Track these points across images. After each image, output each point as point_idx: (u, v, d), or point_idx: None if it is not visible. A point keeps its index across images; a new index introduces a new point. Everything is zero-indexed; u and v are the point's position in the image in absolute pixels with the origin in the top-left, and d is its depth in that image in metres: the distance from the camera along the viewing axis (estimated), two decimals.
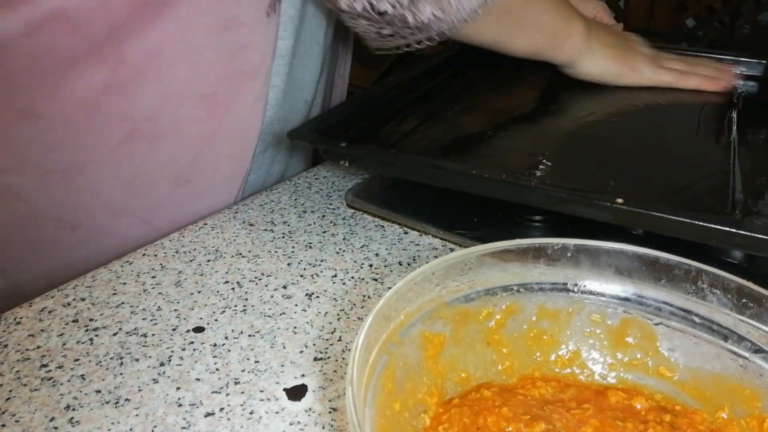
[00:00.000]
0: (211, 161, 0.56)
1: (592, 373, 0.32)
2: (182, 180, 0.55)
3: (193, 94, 0.52)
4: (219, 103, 0.53)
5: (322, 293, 0.42)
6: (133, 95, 0.50)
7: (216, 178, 0.56)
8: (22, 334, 0.38)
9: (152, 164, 0.53)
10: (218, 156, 0.56)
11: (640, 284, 0.31)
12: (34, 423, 0.32)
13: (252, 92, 0.55)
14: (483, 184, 0.44)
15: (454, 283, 0.31)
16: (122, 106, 0.50)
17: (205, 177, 0.56)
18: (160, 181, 0.54)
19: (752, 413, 0.28)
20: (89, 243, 0.55)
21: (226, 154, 0.56)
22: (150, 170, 0.53)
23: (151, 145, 0.52)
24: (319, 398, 0.34)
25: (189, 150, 0.54)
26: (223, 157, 0.56)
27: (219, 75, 0.53)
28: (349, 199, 0.53)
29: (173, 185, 0.55)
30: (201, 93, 0.52)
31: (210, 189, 0.56)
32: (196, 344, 0.38)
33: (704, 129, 0.57)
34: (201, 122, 0.53)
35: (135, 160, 0.52)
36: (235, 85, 0.54)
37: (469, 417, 0.28)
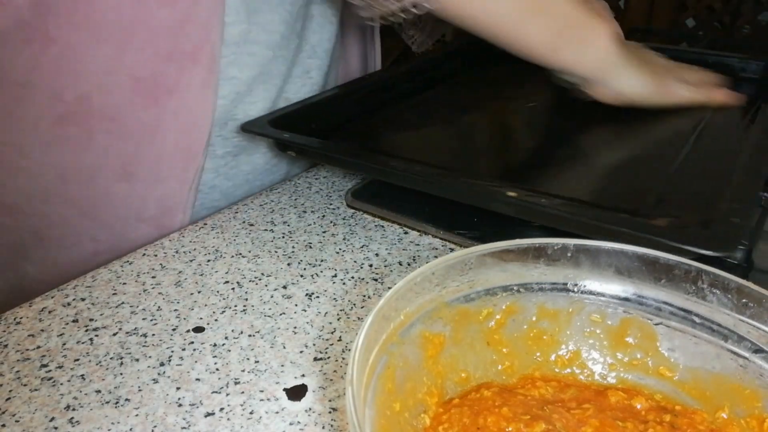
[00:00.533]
0: (155, 153, 0.52)
1: (592, 373, 0.32)
2: (125, 172, 0.53)
3: (127, 76, 0.50)
4: (158, 87, 0.50)
5: (322, 293, 0.42)
6: (62, 75, 0.48)
7: (162, 171, 0.53)
8: (22, 334, 0.38)
9: (90, 152, 0.52)
10: (162, 148, 0.52)
11: (640, 284, 0.31)
12: (34, 423, 0.32)
13: (197, 78, 0.51)
14: (462, 189, 0.45)
15: (454, 283, 0.31)
16: (52, 86, 0.49)
17: (150, 170, 0.53)
18: (99, 171, 0.52)
19: (752, 413, 0.28)
20: (27, 232, 0.54)
21: (172, 146, 0.53)
22: (88, 158, 0.52)
23: (86, 130, 0.51)
24: (319, 398, 0.34)
25: (129, 140, 0.52)
26: (169, 150, 0.53)
27: (155, 55, 0.49)
28: (349, 199, 0.53)
29: (115, 178, 0.53)
30: (136, 75, 0.50)
31: (156, 182, 0.53)
32: (196, 344, 0.38)
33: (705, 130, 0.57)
34: (139, 109, 0.51)
35: (71, 145, 0.51)
36: (174, 68, 0.50)
37: (469, 417, 0.28)
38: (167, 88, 0.50)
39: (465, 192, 0.44)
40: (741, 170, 0.43)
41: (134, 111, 0.51)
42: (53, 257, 0.55)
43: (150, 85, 0.50)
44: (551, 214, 0.39)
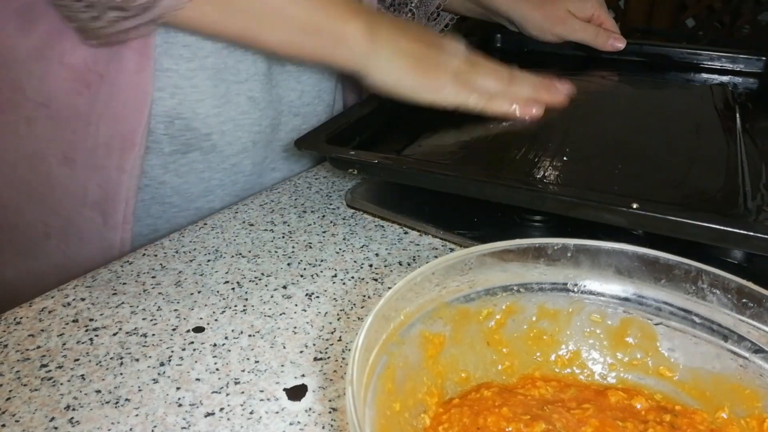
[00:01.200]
0: (90, 139, 0.52)
1: (592, 373, 0.32)
2: (66, 158, 0.53)
3: (58, 63, 0.50)
4: (90, 73, 0.50)
5: (322, 293, 0.42)
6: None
7: (100, 158, 0.53)
8: (22, 334, 0.38)
9: (31, 138, 0.53)
10: (98, 135, 0.52)
11: (640, 284, 0.31)
12: (34, 423, 0.32)
13: (129, 63, 0.50)
14: (493, 190, 0.44)
15: (454, 283, 0.31)
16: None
17: (88, 157, 0.53)
18: (42, 157, 0.53)
19: (752, 413, 0.28)
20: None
21: (108, 134, 0.52)
22: (30, 145, 0.53)
23: (24, 117, 0.52)
24: (319, 398, 0.34)
25: (66, 126, 0.52)
26: (105, 137, 0.52)
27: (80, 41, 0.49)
28: (349, 199, 0.53)
29: (57, 163, 0.53)
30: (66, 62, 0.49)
31: (95, 170, 0.53)
32: (196, 344, 0.38)
33: (707, 128, 0.57)
34: (72, 95, 0.51)
35: (11, 132, 0.52)
36: (105, 52, 0.50)
37: (469, 417, 0.28)
38: (98, 73, 0.50)
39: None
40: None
41: (68, 97, 0.51)
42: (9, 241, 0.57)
43: (81, 70, 0.50)
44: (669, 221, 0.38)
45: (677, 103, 0.65)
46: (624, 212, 0.39)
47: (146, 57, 0.50)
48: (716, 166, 0.49)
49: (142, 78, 0.51)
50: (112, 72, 0.50)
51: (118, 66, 0.50)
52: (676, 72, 0.74)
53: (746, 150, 0.51)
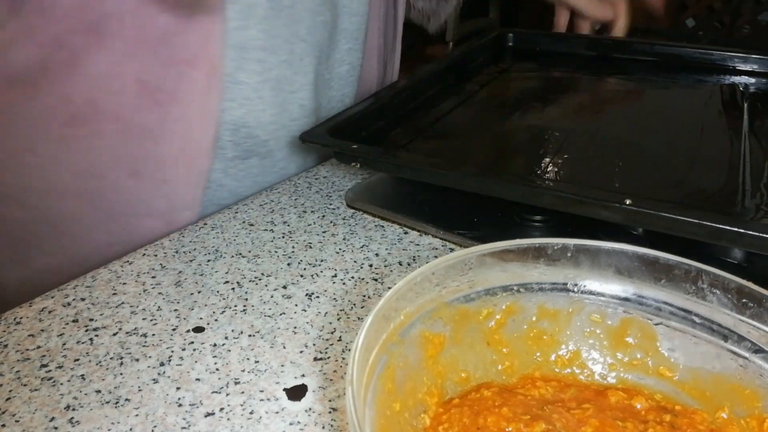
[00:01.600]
0: (159, 153, 0.54)
1: (592, 373, 0.32)
2: (133, 170, 0.54)
3: (132, 79, 0.51)
4: (160, 91, 0.51)
5: (322, 293, 0.42)
6: (71, 77, 0.50)
7: (169, 172, 0.55)
8: (22, 334, 0.38)
9: (101, 151, 0.53)
10: (168, 149, 0.54)
11: (640, 284, 0.31)
12: (34, 423, 0.32)
13: (197, 83, 0.52)
14: (496, 186, 0.44)
15: (454, 283, 0.31)
16: (62, 88, 0.50)
17: (157, 169, 0.55)
18: (110, 169, 0.54)
19: (752, 413, 0.28)
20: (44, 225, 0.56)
21: (178, 148, 0.54)
22: (99, 157, 0.53)
23: (95, 130, 0.52)
24: (319, 398, 0.34)
25: (135, 140, 0.53)
26: (174, 151, 0.54)
27: (156, 60, 0.51)
28: (349, 199, 0.53)
29: (125, 174, 0.54)
30: (140, 79, 0.51)
31: (163, 181, 0.55)
32: (196, 344, 0.38)
33: (712, 126, 0.57)
34: (143, 111, 0.52)
35: (81, 144, 0.52)
36: (174, 73, 0.51)
37: (469, 417, 0.28)
38: (168, 93, 0.52)
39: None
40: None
41: (139, 113, 0.52)
42: (68, 248, 0.57)
43: (153, 89, 0.51)
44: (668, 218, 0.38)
45: (685, 103, 0.66)
46: (618, 209, 0.39)
47: (215, 78, 0.52)
48: (718, 165, 0.49)
49: (210, 98, 0.53)
50: (182, 92, 0.52)
51: (188, 87, 0.52)
52: (686, 72, 0.74)
53: (750, 149, 0.51)
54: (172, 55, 0.51)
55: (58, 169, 0.53)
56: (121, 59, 0.50)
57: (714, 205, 0.44)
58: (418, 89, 0.65)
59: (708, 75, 0.72)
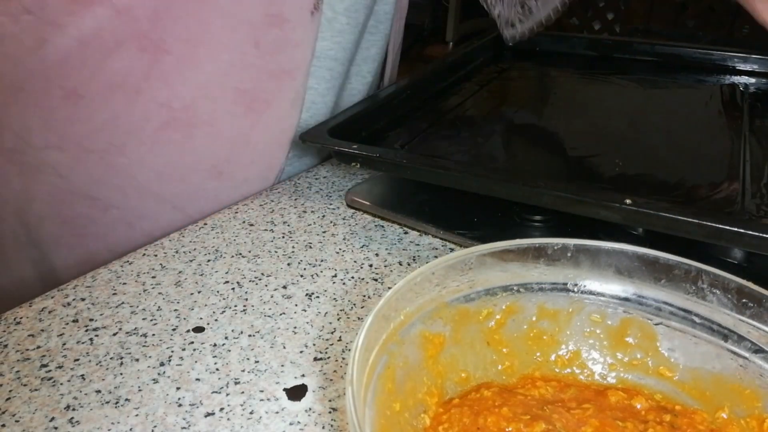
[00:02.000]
0: (246, 156, 0.56)
1: (592, 373, 0.32)
2: (216, 171, 0.56)
3: (232, 88, 0.53)
4: (257, 99, 0.54)
5: (322, 293, 0.42)
6: (173, 84, 0.51)
7: (250, 172, 0.57)
8: (22, 334, 0.38)
9: (187, 154, 0.55)
10: (253, 152, 0.56)
11: (640, 284, 0.31)
12: (34, 423, 0.32)
13: (291, 92, 0.55)
14: (495, 185, 0.44)
15: (454, 283, 0.31)
16: (162, 94, 0.51)
17: (239, 170, 0.57)
18: (194, 170, 0.56)
19: (752, 413, 0.28)
20: (120, 224, 0.57)
21: (261, 150, 0.57)
22: (185, 159, 0.55)
23: (187, 134, 0.54)
24: (319, 398, 0.34)
25: (224, 143, 0.55)
26: (258, 154, 0.57)
27: (259, 71, 0.53)
28: (349, 199, 0.53)
29: (207, 176, 0.56)
30: (240, 88, 0.53)
31: (243, 181, 0.57)
32: (196, 344, 0.38)
33: (712, 126, 0.58)
34: (238, 117, 0.54)
35: (171, 147, 0.54)
36: (275, 83, 0.54)
37: (469, 417, 0.28)
38: (265, 100, 0.54)
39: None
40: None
41: (233, 118, 0.54)
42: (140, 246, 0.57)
43: (250, 96, 0.54)
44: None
45: (685, 103, 0.66)
46: (618, 208, 0.39)
47: (304, 86, 0.56)
48: (718, 165, 0.49)
49: (297, 105, 0.56)
50: (277, 100, 0.55)
51: (284, 95, 0.55)
52: (686, 72, 0.74)
53: (750, 149, 0.51)
54: (277, 67, 0.53)
55: (143, 170, 0.54)
56: (228, 69, 0.52)
57: (714, 204, 0.44)
58: (418, 89, 0.65)
59: (708, 75, 0.72)
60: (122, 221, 0.57)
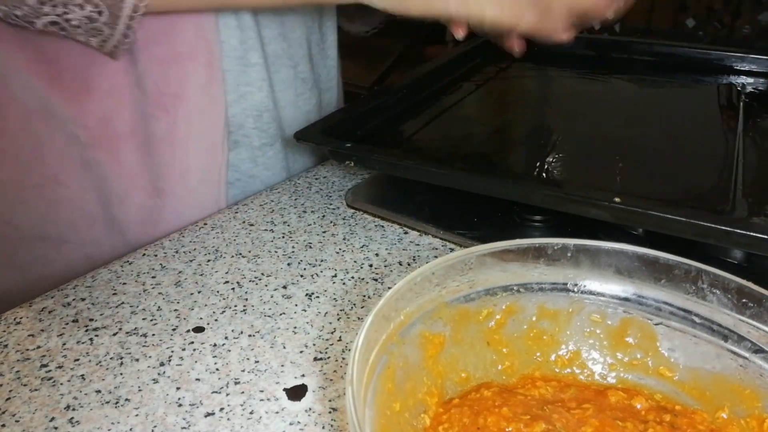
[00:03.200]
0: (179, 164, 0.53)
1: (592, 373, 0.32)
2: (157, 189, 0.53)
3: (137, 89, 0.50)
4: (165, 95, 0.50)
5: (322, 293, 0.42)
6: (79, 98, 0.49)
7: (191, 181, 0.54)
8: (22, 334, 0.38)
9: (121, 173, 0.52)
10: (185, 157, 0.53)
11: (640, 284, 0.31)
12: (34, 423, 0.32)
13: (199, 75, 0.51)
14: (486, 183, 0.44)
15: (454, 283, 0.31)
16: (71, 112, 0.49)
17: (178, 182, 0.53)
18: (134, 191, 0.53)
19: (752, 413, 0.28)
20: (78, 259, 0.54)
21: (193, 152, 0.53)
22: (120, 180, 0.52)
23: (113, 152, 0.51)
24: (319, 398, 0.34)
25: (153, 156, 0.52)
26: (192, 156, 0.53)
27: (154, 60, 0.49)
28: (349, 199, 0.53)
29: (149, 195, 0.53)
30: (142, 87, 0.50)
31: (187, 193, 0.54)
32: (196, 344, 0.38)
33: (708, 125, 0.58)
34: (154, 123, 0.51)
35: (103, 169, 0.51)
36: (176, 71, 0.50)
37: (469, 417, 0.28)
38: (173, 94, 0.51)
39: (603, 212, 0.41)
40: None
41: (150, 125, 0.51)
42: None
43: (156, 95, 0.50)
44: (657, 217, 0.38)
45: (682, 103, 0.66)
46: (607, 207, 0.39)
47: (215, 66, 0.52)
48: (711, 165, 0.49)
49: (214, 87, 0.52)
50: (186, 90, 0.51)
51: (191, 82, 0.51)
52: (685, 71, 0.74)
53: (744, 149, 0.51)
54: (170, 50, 0.50)
55: (86, 197, 0.52)
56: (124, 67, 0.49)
57: (706, 203, 0.44)
58: (417, 88, 0.65)
59: (706, 75, 0.72)
60: (80, 259, 0.54)
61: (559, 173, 0.49)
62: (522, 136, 0.58)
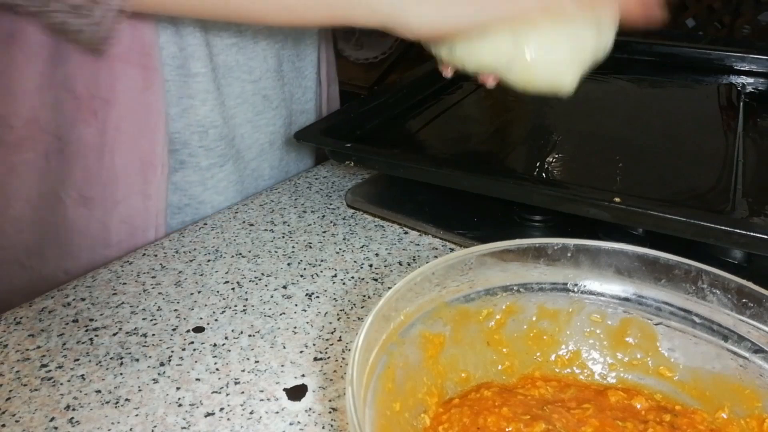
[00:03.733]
0: (106, 173, 0.49)
1: (592, 373, 0.32)
2: (83, 198, 0.50)
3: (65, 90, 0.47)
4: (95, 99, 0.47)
5: (322, 293, 0.42)
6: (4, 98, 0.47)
7: (119, 192, 0.50)
8: (22, 334, 0.38)
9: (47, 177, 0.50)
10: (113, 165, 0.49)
11: (640, 284, 0.31)
12: (34, 423, 0.32)
13: (133, 80, 0.47)
14: (484, 183, 0.45)
15: (454, 283, 0.31)
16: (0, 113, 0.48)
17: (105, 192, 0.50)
18: (61, 197, 0.50)
19: (752, 413, 0.28)
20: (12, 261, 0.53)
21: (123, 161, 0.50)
22: (47, 184, 0.50)
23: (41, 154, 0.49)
24: (319, 398, 0.34)
25: (79, 161, 0.49)
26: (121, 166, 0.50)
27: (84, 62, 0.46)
28: (349, 199, 0.53)
29: (75, 204, 0.50)
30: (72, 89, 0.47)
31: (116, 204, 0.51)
32: (196, 344, 0.38)
33: (708, 125, 0.58)
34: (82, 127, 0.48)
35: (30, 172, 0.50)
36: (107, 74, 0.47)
37: (469, 417, 0.28)
38: (103, 98, 0.47)
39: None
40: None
41: (77, 129, 0.48)
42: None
43: (86, 98, 0.47)
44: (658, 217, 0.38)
45: (682, 103, 0.66)
46: (606, 206, 0.39)
47: (152, 71, 0.48)
48: (712, 164, 0.49)
49: (151, 94, 0.48)
50: (118, 95, 0.48)
51: (124, 86, 0.48)
52: (685, 71, 0.74)
53: (744, 149, 0.51)
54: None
55: (15, 200, 0.50)
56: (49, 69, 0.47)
57: (706, 203, 0.44)
58: (417, 88, 0.65)
59: (706, 75, 0.72)
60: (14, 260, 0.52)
61: (559, 173, 0.49)
62: (522, 136, 0.58)
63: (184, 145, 0.52)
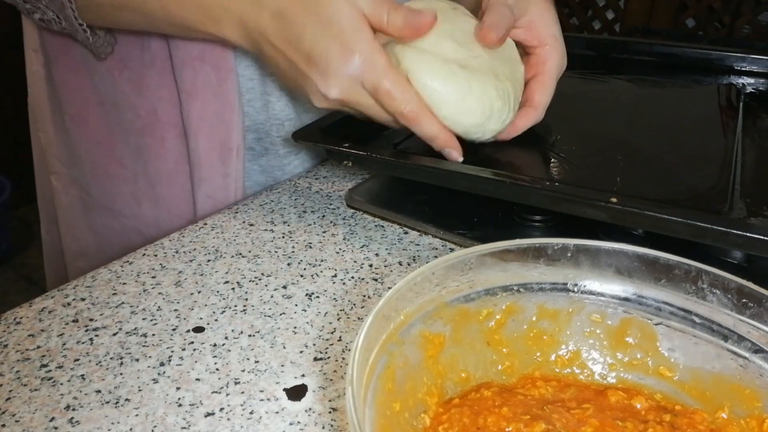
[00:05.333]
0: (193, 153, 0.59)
1: (592, 373, 0.32)
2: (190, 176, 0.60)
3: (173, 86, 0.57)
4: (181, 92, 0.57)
5: (322, 293, 0.42)
6: (135, 93, 0.58)
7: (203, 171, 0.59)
8: (22, 334, 0.38)
9: (166, 157, 0.60)
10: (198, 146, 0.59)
11: (640, 284, 0.31)
12: (34, 423, 0.32)
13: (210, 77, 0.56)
14: (483, 183, 0.44)
15: (454, 283, 0.31)
16: (130, 103, 0.59)
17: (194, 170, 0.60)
18: (177, 175, 0.60)
19: (752, 413, 0.28)
20: (131, 230, 0.63)
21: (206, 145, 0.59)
22: (166, 163, 0.60)
23: (159, 138, 0.59)
24: (319, 398, 0.34)
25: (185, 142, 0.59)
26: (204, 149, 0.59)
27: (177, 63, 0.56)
28: (349, 199, 0.53)
29: (187, 178, 0.60)
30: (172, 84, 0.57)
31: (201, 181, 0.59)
32: (196, 344, 0.38)
33: (708, 125, 0.57)
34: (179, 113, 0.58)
35: (151, 153, 0.60)
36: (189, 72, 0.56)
37: (469, 417, 0.28)
38: (187, 91, 0.56)
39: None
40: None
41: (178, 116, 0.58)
42: None
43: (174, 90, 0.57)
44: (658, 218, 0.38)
45: (681, 103, 0.65)
46: (604, 207, 0.39)
47: (226, 70, 0.56)
48: (710, 165, 0.49)
49: (224, 89, 0.56)
50: (198, 88, 0.56)
51: (202, 82, 0.56)
52: (685, 72, 0.74)
53: (743, 149, 0.51)
54: (186, 54, 0.55)
55: (138, 177, 0.61)
56: (166, 68, 0.56)
57: (704, 204, 0.44)
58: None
59: (706, 75, 0.72)
60: (133, 230, 0.63)
61: (558, 173, 0.49)
62: (522, 136, 0.58)
63: (266, 134, 0.61)
